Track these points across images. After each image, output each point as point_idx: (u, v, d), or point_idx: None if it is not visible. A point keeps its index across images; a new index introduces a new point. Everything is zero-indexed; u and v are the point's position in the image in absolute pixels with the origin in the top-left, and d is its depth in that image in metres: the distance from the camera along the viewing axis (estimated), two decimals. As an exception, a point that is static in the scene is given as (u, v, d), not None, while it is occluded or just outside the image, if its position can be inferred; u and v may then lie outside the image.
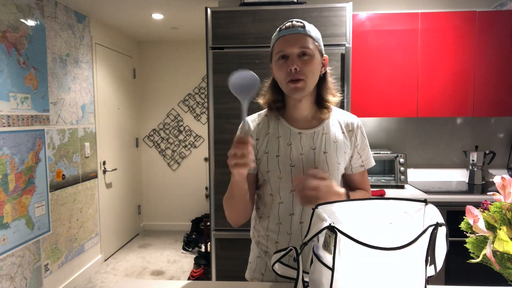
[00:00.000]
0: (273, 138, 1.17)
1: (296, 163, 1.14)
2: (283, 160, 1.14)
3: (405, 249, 0.74)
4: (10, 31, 2.41)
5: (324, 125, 1.17)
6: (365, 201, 0.95)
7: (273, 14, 2.13)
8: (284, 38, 1.09)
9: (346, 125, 1.20)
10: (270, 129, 1.19)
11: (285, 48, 1.08)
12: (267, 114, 1.22)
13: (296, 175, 1.13)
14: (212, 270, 2.23)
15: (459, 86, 2.54)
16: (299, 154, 1.14)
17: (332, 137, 1.16)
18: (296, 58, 1.08)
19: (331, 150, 1.15)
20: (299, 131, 1.16)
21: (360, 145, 1.20)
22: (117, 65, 4.03)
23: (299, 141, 1.15)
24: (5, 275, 2.35)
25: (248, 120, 1.20)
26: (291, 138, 1.16)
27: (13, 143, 2.42)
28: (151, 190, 4.71)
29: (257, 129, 1.20)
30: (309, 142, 1.15)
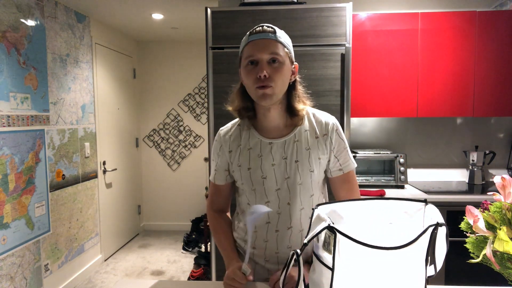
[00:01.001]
0: (244, 150, 1.15)
1: (267, 174, 1.12)
2: (255, 172, 1.13)
3: (405, 249, 0.74)
4: (10, 31, 2.41)
5: (296, 132, 1.14)
6: (365, 201, 0.95)
7: (273, 14, 2.13)
8: (254, 43, 1.06)
9: (321, 129, 1.15)
10: (242, 141, 1.16)
11: (254, 53, 1.05)
12: (239, 123, 1.20)
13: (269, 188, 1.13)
14: (212, 270, 2.23)
15: (459, 86, 2.54)
16: (271, 165, 1.12)
17: (304, 144, 1.13)
18: (265, 64, 1.04)
19: (303, 158, 1.12)
20: (269, 141, 1.13)
21: (336, 148, 1.15)
22: (117, 65, 4.03)
23: (270, 151, 1.13)
24: (5, 275, 2.35)
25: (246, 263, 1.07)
26: (261, 150, 1.13)
27: (13, 143, 2.42)
28: (151, 190, 4.71)
29: (230, 141, 1.18)
30: (280, 152, 1.12)
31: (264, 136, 1.15)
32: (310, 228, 0.86)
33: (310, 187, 1.14)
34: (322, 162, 1.14)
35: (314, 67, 2.12)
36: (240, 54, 1.12)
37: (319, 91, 2.12)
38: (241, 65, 1.11)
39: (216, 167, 1.21)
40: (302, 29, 2.12)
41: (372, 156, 2.64)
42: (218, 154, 1.20)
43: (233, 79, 2.16)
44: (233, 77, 2.16)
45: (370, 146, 2.95)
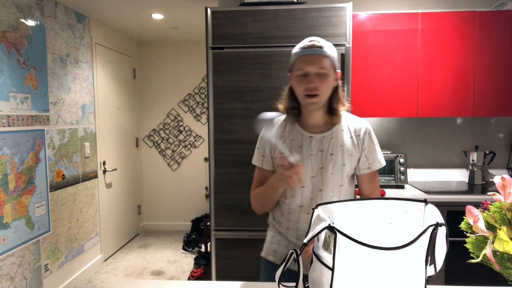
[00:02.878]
0: (287, 140, 1.34)
1: (305, 162, 1.30)
2: None
3: (405, 249, 0.74)
4: (10, 31, 2.41)
5: (333, 130, 1.32)
6: (365, 201, 0.95)
7: (273, 14, 2.13)
8: (305, 57, 1.24)
9: (355, 131, 1.34)
10: (286, 133, 1.36)
11: (305, 67, 1.23)
12: (285, 118, 1.38)
13: (306, 175, 1.29)
14: (212, 270, 2.23)
15: (459, 86, 2.54)
16: (309, 155, 1.31)
17: (339, 141, 1.31)
18: (313, 76, 1.23)
19: (337, 152, 1.30)
20: (310, 135, 1.32)
21: (367, 149, 1.33)
22: (117, 65, 4.03)
23: (309, 144, 1.32)
24: (5, 275, 2.35)
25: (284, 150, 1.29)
26: (302, 141, 1.32)
27: (13, 143, 2.42)
28: (151, 190, 4.71)
29: (277, 132, 1.37)
30: (318, 145, 1.31)
31: (305, 130, 1.34)
32: (310, 228, 0.86)
33: (340, 178, 1.31)
34: (353, 159, 1.32)
35: (314, 67, 2.12)
36: (292, 63, 1.30)
37: (319, 91, 2.12)
38: (293, 74, 1.29)
39: (264, 154, 1.39)
40: (302, 29, 2.12)
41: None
42: (264, 143, 1.39)
43: (233, 79, 2.17)
44: (233, 77, 2.16)
45: (370, 146, 2.95)
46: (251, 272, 2.21)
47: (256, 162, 1.41)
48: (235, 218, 2.20)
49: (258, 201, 1.39)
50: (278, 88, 2.15)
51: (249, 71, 2.15)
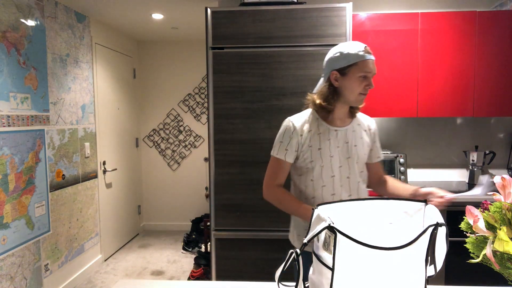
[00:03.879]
0: (315, 135, 1.45)
1: (334, 154, 1.44)
2: (324, 152, 1.44)
3: (405, 249, 0.74)
4: (10, 31, 2.41)
5: (352, 124, 1.49)
6: (365, 201, 0.95)
7: (273, 14, 2.13)
8: (369, 62, 1.37)
9: (367, 125, 1.54)
10: (312, 127, 1.46)
11: (371, 70, 1.37)
12: (310, 113, 1.49)
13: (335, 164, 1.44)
14: (212, 270, 2.23)
15: (459, 86, 2.54)
16: (336, 147, 1.45)
17: (358, 133, 1.49)
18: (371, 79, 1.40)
19: (359, 143, 1.48)
20: (335, 129, 1.46)
21: (376, 141, 1.57)
22: (117, 65, 4.03)
23: (336, 137, 1.46)
24: (5, 275, 2.35)
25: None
26: (329, 135, 1.45)
27: (13, 143, 2.42)
28: (151, 190, 4.71)
29: (303, 127, 1.46)
30: (343, 137, 1.46)
31: (330, 124, 1.46)
32: (310, 228, 0.86)
33: (362, 166, 1.50)
34: (368, 149, 1.53)
35: (314, 67, 2.12)
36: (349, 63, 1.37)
37: (319, 91, 2.12)
38: (349, 73, 1.38)
39: (287, 147, 1.47)
40: (302, 29, 2.12)
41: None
42: (290, 136, 1.47)
43: (233, 79, 2.17)
44: (233, 77, 2.16)
45: (370, 146, 2.95)
46: (251, 272, 2.21)
47: (278, 154, 1.48)
48: (235, 218, 2.20)
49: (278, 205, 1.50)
50: (278, 88, 2.15)
51: (249, 71, 2.15)
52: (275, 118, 2.16)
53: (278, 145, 1.50)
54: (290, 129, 1.48)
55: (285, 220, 2.18)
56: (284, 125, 1.51)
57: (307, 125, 1.47)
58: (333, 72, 1.40)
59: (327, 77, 1.42)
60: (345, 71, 1.38)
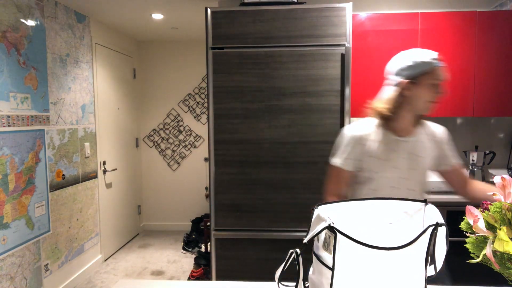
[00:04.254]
0: (380, 145, 1.41)
1: (399, 165, 1.40)
2: (389, 163, 1.40)
3: (405, 249, 0.74)
4: (10, 31, 2.41)
5: (418, 134, 1.44)
6: (365, 201, 0.95)
7: (273, 14, 2.13)
8: (440, 69, 1.34)
9: (433, 134, 1.48)
10: (376, 136, 1.42)
11: (443, 78, 1.35)
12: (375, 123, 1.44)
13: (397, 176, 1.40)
14: (212, 270, 2.23)
15: (459, 86, 2.54)
16: (402, 158, 1.40)
17: (424, 143, 1.44)
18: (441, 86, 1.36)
19: (425, 154, 1.42)
20: (400, 139, 1.41)
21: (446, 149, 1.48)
22: (117, 65, 4.03)
23: (401, 147, 1.41)
24: (5, 275, 2.35)
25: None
26: (394, 145, 1.41)
27: (13, 143, 2.42)
28: (151, 190, 4.71)
29: (366, 136, 1.43)
30: (408, 148, 1.41)
31: (395, 134, 1.42)
32: (310, 228, 0.86)
33: (425, 177, 1.45)
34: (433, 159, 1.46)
35: (314, 67, 2.12)
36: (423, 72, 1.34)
37: (319, 91, 2.12)
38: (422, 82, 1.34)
39: (348, 156, 1.44)
40: (302, 29, 2.12)
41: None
42: (352, 146, 1.43)
43: (233, 79, 2.17)
44: (233, 77, 2.16)
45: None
46: (251, 272, 2.21)
47: (338, 163, 1.46)
48: (235, 218, 2.20)
49: None
50: (278, 88, 2.15)
51: (249, 71, 2.15)
52: (275, 118, 2.16)
53: (338, 153, 1.47)
54: (352, 138, 1.45)
55: (285, 220, 2.18)
56: (346, 133, 1.48)
57: (371, 134, 1.43)
58: (403, 81, 1.36)
59: (395, 85, 1.38)
60: (417, 79, 1.35)
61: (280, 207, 2.17)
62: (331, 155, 1.51)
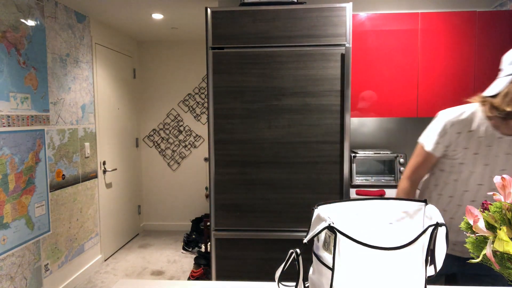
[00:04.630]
0: (474, 136, 1.31)
1: (491, 163, 1.30)
2: (480, 158, 1.31)
3: (405, 249, 0.74)
4: (10, 31, 2.41)
5: None
6: (365, 201, 0.95)
7: (273, 14, 2.13)
8: None
9: None
10: (473, 128, 1.32)
11: None
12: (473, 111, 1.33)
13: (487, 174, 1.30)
14: (212, 270, 2.23)
15: (459, 86, 2.54)
16: (495, 156, 1.30)
17: None
18: None
19: None
20: (500, 136, 1.30)
21: None
22: (117, 65, 4.03)
23: (498, 144, 1.30)
24: (5, 275, 2.35)
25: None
26: (492, 141, 1.30)
27: (13, 143, 2.42)
28: (151, 190, 4.71)
29: (462, 124, 1.34)
30: (506, 147, 1.30)
31: (496, 129, 1.30)
32: (310, 228, 0.86)
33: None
34: None
35: (314, 67, 2.12)
36: None
37: (319, 91, 2.12)
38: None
39: (440, 141, 1.37)
40: (302, 29, 2.12)
41: (372, 156, 2.64)
42: (445, 131, 1.35)
43: (233, 79, 2.17)
44: (233, 77, 2.16)
45: (370, 146, 2.95)
46: (251, 272, 2.21)
47: (427, 146, 1.40)
48: (235, 218, 2.20)
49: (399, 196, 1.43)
50: (278, 88, 2.15)
51: (249, 71, 2.15)
52: (275, 118, 2.16)
53: (430, 136, 1.39)
54: (446, 123, 1.36)
55: (285, 220, 2.18)
56: (443, 117, 1.38)
57: (469, 123, 1.33)
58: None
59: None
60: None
61: (280, 207, 2.17)
62: (422, 135, 1.45)
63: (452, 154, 1.35)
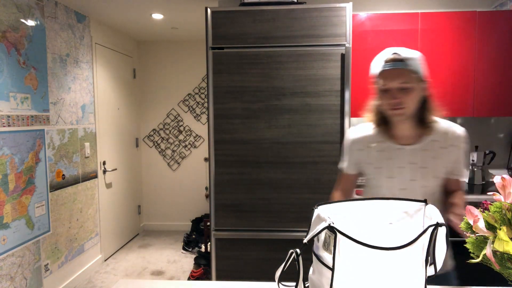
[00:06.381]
0: (374, 151, 1.31)
1: (396, 175, 1.27)
2: (383, 172, 1.28)
3: (405, 249, 0.74)
4: (10, 31, 2.41)
5: (425, 142, 1.27)
6: (365, 201, 0.95)
7: (273, 14, 2.13)
8: (387, 72, 1.20)
9: (449, 139, 1.27)
10: (372, 143, 1.32)
11: (386, 83, 1.19)
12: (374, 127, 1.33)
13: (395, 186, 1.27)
14: (212, 270, 2.23)
15: (459, 86, 2.54)
16: (398, 167, 1.27)
17: (431, 153, 1.25)
18: (396, 92, 1.19)
19: (429, 165, 1.25)
20: (399, 147, 1.27)
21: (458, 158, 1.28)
22: (117, 65, 4.03)
23: (398, 156, 1.27)
24: (5, 275, 2.35)
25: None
26: (392, 153, 1.28)
27: (13, 143, 2.42)
28: (151, 190, 4.71)
29: (361, 141, 1.34)
30: (408, 157, 1.26)
31: (394, 141, 1.29)
32: (310, 228, 0.86)
33: (432, 189, 1.26)
34: (447, 171, 1.27)
35: (314, 67, 2.12)
36: (373, 75, 1.25)
37: (319, 91, 2.12)
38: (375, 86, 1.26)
39: (348, 159, 1.40)
40: (302, 29, 2.12)
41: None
42: (350, 150, 1.38)
43: (233, 79, 2.17)
44: (233, 77, 2.17)
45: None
46: (251, 272, 2.21)
47: (341, 163, 1.44)
48: (235, 218, 2.20)
49: None
50: (278, 88, 2.15)
51: (249, 71, 2.15)
52: (275, 118, 2.16)
53: (344, 156, 1.42)
54: (348, 142, 1.39)
55: (285, 220, 2.18)
56: (347, 136, 1.41)
57: (368, 139, 1.33)
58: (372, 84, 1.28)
59: None
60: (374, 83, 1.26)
61: (280, 207, 2.17)
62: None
63: (363, 171, 1.36)
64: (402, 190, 1.26)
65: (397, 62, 1.19)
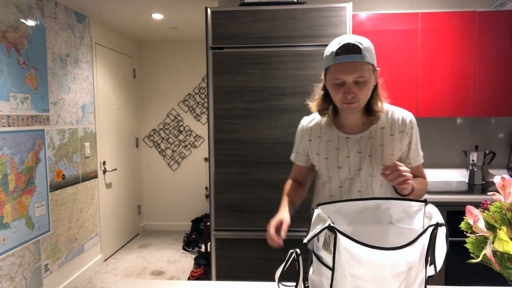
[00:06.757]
0: (323, 141, 1.29)
1: (342, 165, 1.26)
2: (331, 162, 1.27)
3: (405, 249, 0.74)
4: (10, 31, 2.41)
5: (371, 129, 1.25)
6: (365, 201, 0.95)
7: (273, 14, 2.13)
8: (340, 65, 1.12)
9: (397, 126, 1.25)
10: (321, 133, 1.30)
11: (341, 77, 1.12)
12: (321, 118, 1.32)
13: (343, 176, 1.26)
14: (212, 270, 2.23)
15: (459, 86, 2.54)
16: (346, 157, 1.25)
17: (378, 140, 1.24)
18: (352, 85, 1.13)
19: (377, 153, 1.23)
20: (346, 136, 1.26)
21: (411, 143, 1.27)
22: (117, 65, 4.03)
23: (346, 145, 1.25)
24: (5, 275, 2.35)
25: None
26: (339, 143, 1.26)
27: (13, 143, 2.42)
28: (151, 190, 4.71)
29: (311, 131, 1.32)
30: (355, 146, 1.25)
31: (342, 131, 1.27)
32: (310, 228, 0.86)
33: (380, 179, 1.23)
34: (395, 158, 1.24)
35: (314, 67, 2.12)
36: (326, 68, 1.18)
37: (319, 91, 2.12)
38: (327, 79, 1.19)
39: (297, 151, 1.39)
40: (302, 29, 2.12)
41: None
42: (300, 140, 1.37)
43: (233, 79, 2.17)
44: (233, 77, 2.17)
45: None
46: (251, 272, 2.21)
47: (292, 155, 1.43)
48: (235, 218, 2.20)
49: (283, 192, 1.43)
50: (278, 88, 2.15)
51: (249, 71, 2.15)
52: (275, 118, 2.16)
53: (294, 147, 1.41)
54: (299, 133, 1.38)
55: (285, 220, 2.18)
56: (298, 128, 1.38)
57: (317, 129, 1.31)
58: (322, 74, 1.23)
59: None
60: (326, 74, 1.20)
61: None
62: None
63: (313, 161, 1.34)
64: (350, 179, 1.26)
65: (354, 55, 1.11)
